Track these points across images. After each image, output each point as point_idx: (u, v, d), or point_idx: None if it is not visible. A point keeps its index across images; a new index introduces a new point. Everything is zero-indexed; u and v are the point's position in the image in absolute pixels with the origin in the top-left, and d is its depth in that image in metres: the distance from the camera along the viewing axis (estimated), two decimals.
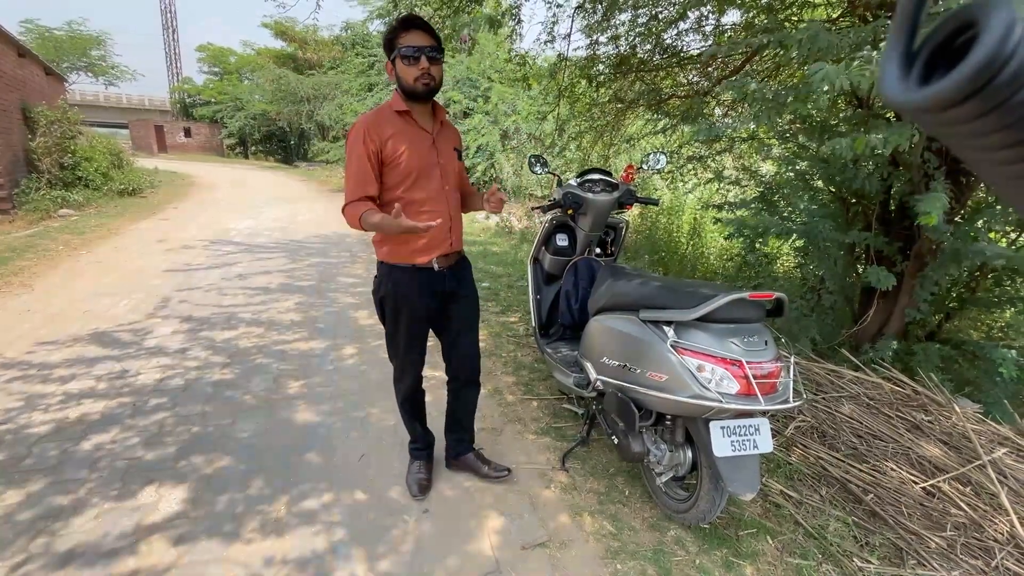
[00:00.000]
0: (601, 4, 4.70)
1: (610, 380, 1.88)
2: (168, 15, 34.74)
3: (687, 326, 1.61)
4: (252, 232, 7.48)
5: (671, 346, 1.60)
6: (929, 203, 2.05)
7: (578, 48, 5.39)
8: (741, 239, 4.30)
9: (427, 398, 2.13)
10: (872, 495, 2.03)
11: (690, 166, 5.35)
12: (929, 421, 2.40)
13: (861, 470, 2.16)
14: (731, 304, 1.53)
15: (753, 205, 4.18)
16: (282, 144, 27.24)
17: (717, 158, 5.57)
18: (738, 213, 4.13)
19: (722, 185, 5.25)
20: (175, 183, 13.95)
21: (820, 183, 3.93)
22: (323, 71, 20.89)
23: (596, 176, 2.56)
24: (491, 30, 3.43)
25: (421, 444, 2.13)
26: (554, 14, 4.68)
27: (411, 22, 1.65)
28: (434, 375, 2.67)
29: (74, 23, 25.09)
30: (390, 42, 1.67)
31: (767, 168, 5.34)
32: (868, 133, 2.12)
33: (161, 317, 3.80)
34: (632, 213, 8.94)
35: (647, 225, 7.66)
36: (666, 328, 1.66)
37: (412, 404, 2.06)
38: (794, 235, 3.78)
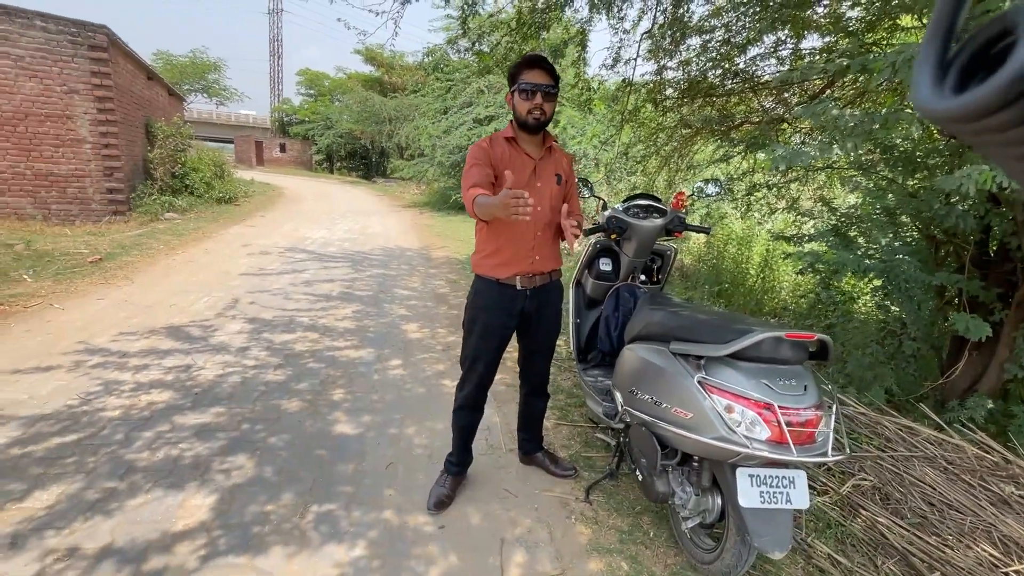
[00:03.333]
0: (670, 31, 4.64)
1: (636, 412, 1.79)
2: (275, 44, 38.46)
3: (719, 362, 1.51)
4: (325, 242, 7.97)
5: (698, 382, 1.50)
6: None
7: (645, 73, 5.35)
8: (814, 275, 4.00)
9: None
10: (939, 573, 1.77)
11: (761, 194, 5.09)
12: (1021, 496, 2.08)
13: (929, 543, 1.90)
14: (767, 342, 1.42)
15: (830, 239, 3.89)
16: (364, 161, 29.03)
17: (792, 187, 5.27)
18: (808, 246, 3.85)
19: (797, 217, 4.94)
20: (266, 193, 15.21)
21: (906, 218, 3.59)
22: (405, 94, 22.15)
23: (643, 201, 2.50)
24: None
25: (457, 460, 2.14)
26: (620, 39, 4.67)
27: (534, 61, 1.80)
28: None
29: (197, 51, 28.42)
30: (513, 76, 1.83)
31: (846, 200, 4.97)
32: (961, 166, 1.91)
33: (230, 316, 4.12)
34: (698, 241, 8.61)
35: (713, 255, 7.32)
36: (696, 363, 1.56)
37: (465, 417, 2.09)
38: (872, 273, 3.47)
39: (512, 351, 2.19)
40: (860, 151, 2.28)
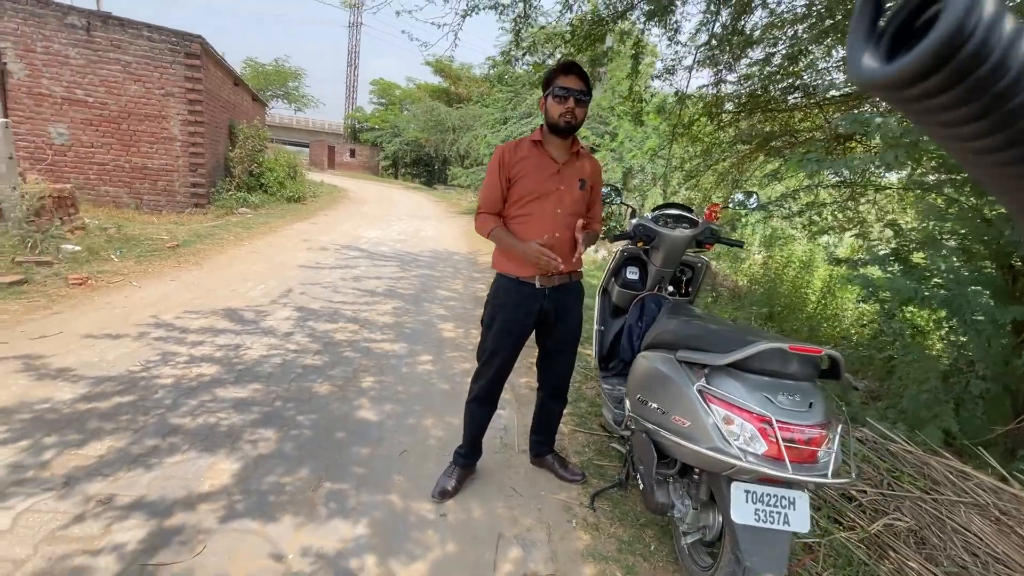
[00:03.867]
0: (729, 45, 4.53)
1: (640, 419, 1.76)
2: (353, 54, 40.70)
3: (722, 372, 1.46)
4: (378, 241, 8.32)
5: (698, 391, 1.46)
6: None
7: (702, 86, 5.24)
8: (877, 303, 3.73)
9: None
10: None
11: (827, 212, 4.83)
12: None
13: None
14: (770, 354, 1.36)
15: (890, 263, 3.62)
16: (427, 168, 30.01)
17: (861, 209, 4.97)
18: (862, 270, 3.61)
19: (864, 240, 4.65)
20: (332, 195, 16.06)
21: (979, 246, 3.30)
22: (470, 104, 22.77)
23: (674, 211, 2.46)
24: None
25: (465, 452, 2.19)
26: (675, 52, 4.61)
27: (569, 68, 1.87)
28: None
29: (280, 59, 30.57)
30: (548, 81, 1.90)
31: (912, 222, 4.63)
32: None
33: (282, 304, 4.39)
34: (756, 262, 8.24)
35: (770, 277, 6.97)
36: (701, 371, 1.52)
37: (477, 409, 2.13)
38: (934, 304, 3.20)
39: (533, 352, 2.22)
40: (909, 164, 2.14)
